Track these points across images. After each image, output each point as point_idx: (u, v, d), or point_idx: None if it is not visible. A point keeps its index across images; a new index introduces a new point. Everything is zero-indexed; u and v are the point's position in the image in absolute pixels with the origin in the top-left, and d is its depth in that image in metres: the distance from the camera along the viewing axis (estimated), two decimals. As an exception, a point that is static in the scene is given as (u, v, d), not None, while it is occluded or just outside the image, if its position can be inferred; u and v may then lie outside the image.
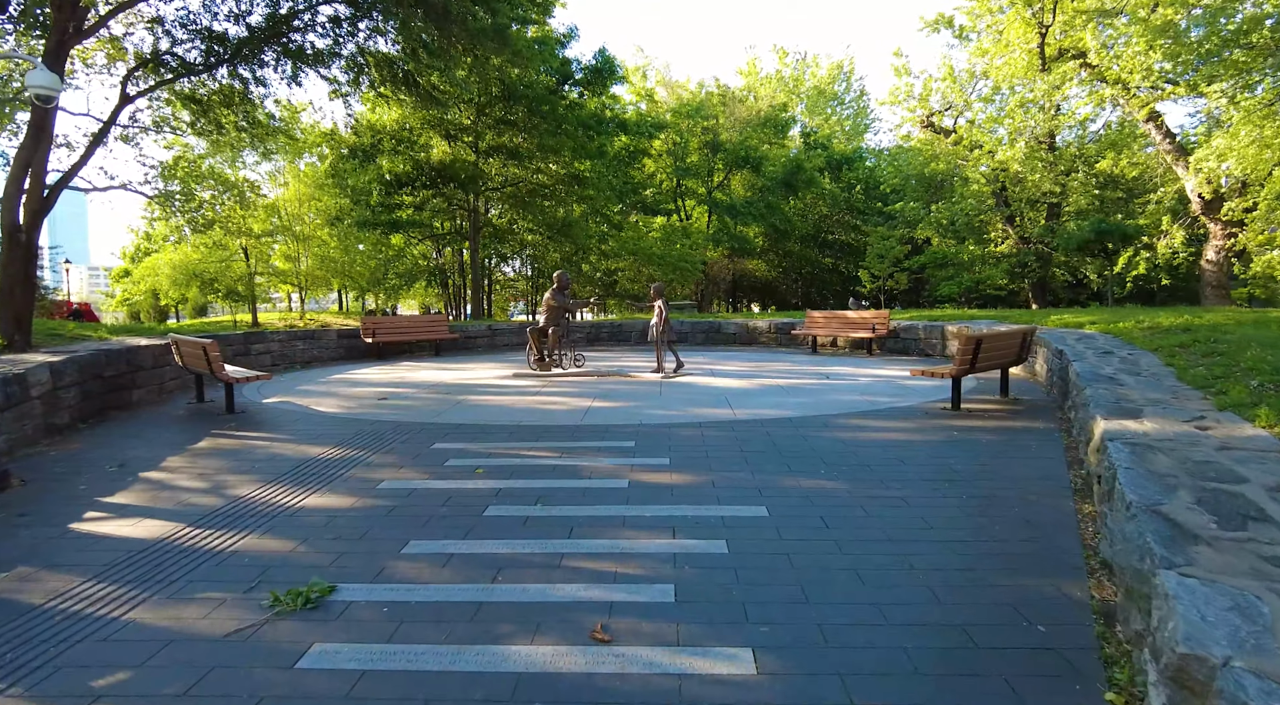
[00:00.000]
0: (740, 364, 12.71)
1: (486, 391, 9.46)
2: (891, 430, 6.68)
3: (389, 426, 7.09)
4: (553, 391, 9.40)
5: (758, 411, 7.68)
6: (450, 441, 6.38)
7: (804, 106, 49.56)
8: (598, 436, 6.52)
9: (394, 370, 12.11)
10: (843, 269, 37.29)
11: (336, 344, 13.81)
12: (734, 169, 32.38)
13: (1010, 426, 6.73)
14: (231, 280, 36.93)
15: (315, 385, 10.23)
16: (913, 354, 13.94)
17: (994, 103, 29.87)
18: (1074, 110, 27.07)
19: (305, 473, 5.42)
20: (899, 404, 8.09)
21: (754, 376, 10.77)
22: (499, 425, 7.10)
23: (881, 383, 9.88)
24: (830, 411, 7.62)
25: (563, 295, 11.50)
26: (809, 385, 9.71)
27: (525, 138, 19.25)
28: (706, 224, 32.82)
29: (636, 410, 7.85)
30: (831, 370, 11.50)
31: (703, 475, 5.18)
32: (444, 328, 15.02)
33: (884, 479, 5.04)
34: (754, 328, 17.03)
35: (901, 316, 15.84)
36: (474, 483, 5.09)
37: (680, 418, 7.38)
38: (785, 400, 8.40)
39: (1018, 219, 29.95)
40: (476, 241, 21.04)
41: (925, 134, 33.42)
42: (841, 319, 14.72)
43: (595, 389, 9.57)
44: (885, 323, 13.91)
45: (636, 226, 25.02)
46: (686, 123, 30.28)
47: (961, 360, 7.40)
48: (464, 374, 11.49)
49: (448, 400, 8.66)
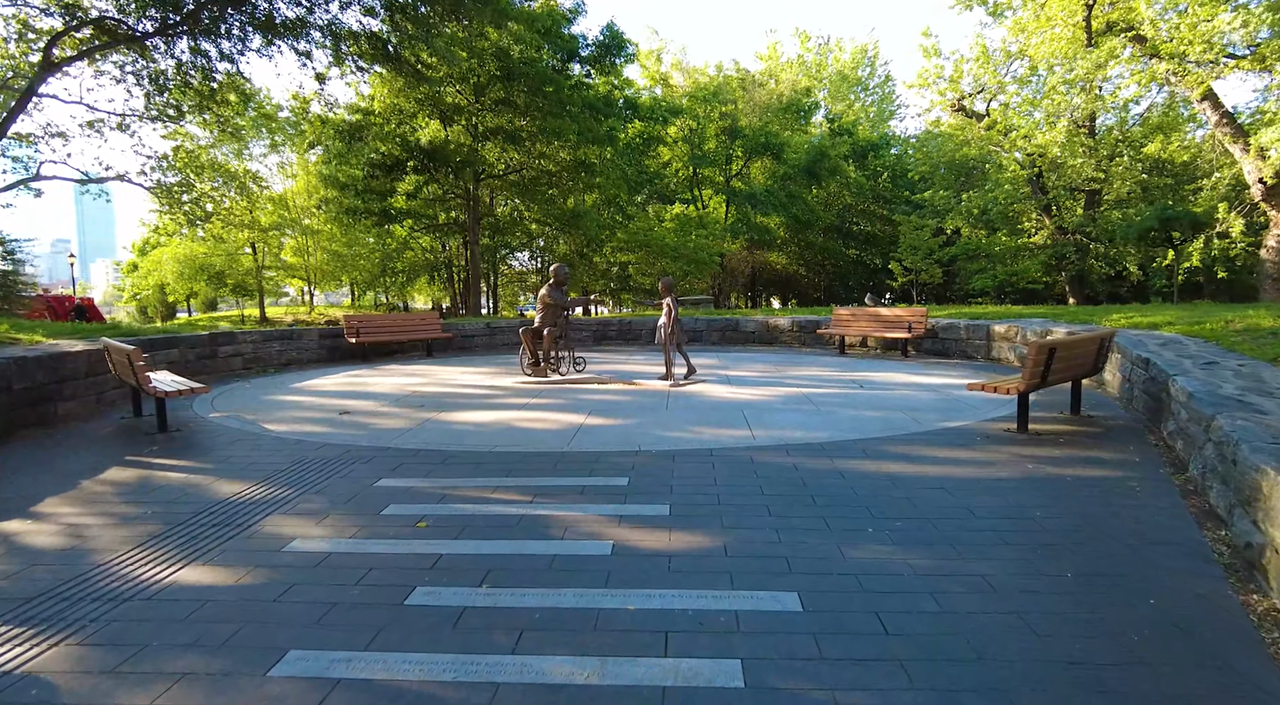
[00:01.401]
0: (760, 367, 11.40)
1: (466, 404, 8.26)
2: (950, 462, 5.36)
3: (336, 453, 5.90)
4: (543, 403, 8.18)
5: (781, 433, 6.40)
6: (400, 476, 5.17)
7: (826, 92, 47.87)
8: (584, 469, 5.28)
9: (372, 376, 10.96)
10: (868, 261, 35.68)
11: (317, 345, 12.68)
12: (754, 156, 30.90)
13: (1098, 458, 5.39)
14: (239, 274, 36.17)
15: (277, 395, 9.08)
16: (953, 356, 12.55)
17: (1030, 84, 28.08)
18: (1118, 90, 25.34)
19: (204, 524, 4.24)
20: (951, 423, 6.76)
21: (775, 384, 9.47)
22: (467, 451, 5.89)
23: (926, 393, 8.54)
24: (869, 434, 6.31)
25: (560, 292, 10.27)
26: (840, 396, 8.40)
27: (526, 120, 17.88)
28: (725, 214, 31.39)
29: (636, 430, 6.61)
30: (865, 376, 10.17)
31: (712, 535, 3.92)
32: (437, 326, 13.85)
33: (954, 542, 3.75)
34: (775, 326, 15.69)
35: (939, 313, 14.41)
36: (411, 542, 3.88)
37: (688, 441, 6.12)
38: (813, 417, 7.11)
39: (1054, 208, 28.22)
40: (476, 233, 19.76)
41: (955, 118, 31.69)
42: (873, 317, 13.34)
43: (592, 400, 8.33)
44: (922, 321, 12.52)
45: (648, 217, 23.63)
46: (703, 108, 28.82)
47: (1032, 372, 6.05)
48: (448, 380, 10.31)
49: (417, 416, 7.47)
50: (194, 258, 34.78)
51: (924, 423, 6.80)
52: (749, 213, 29.85)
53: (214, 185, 28.89)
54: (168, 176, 25.69)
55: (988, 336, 11.86)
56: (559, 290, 10.29)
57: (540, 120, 17.19)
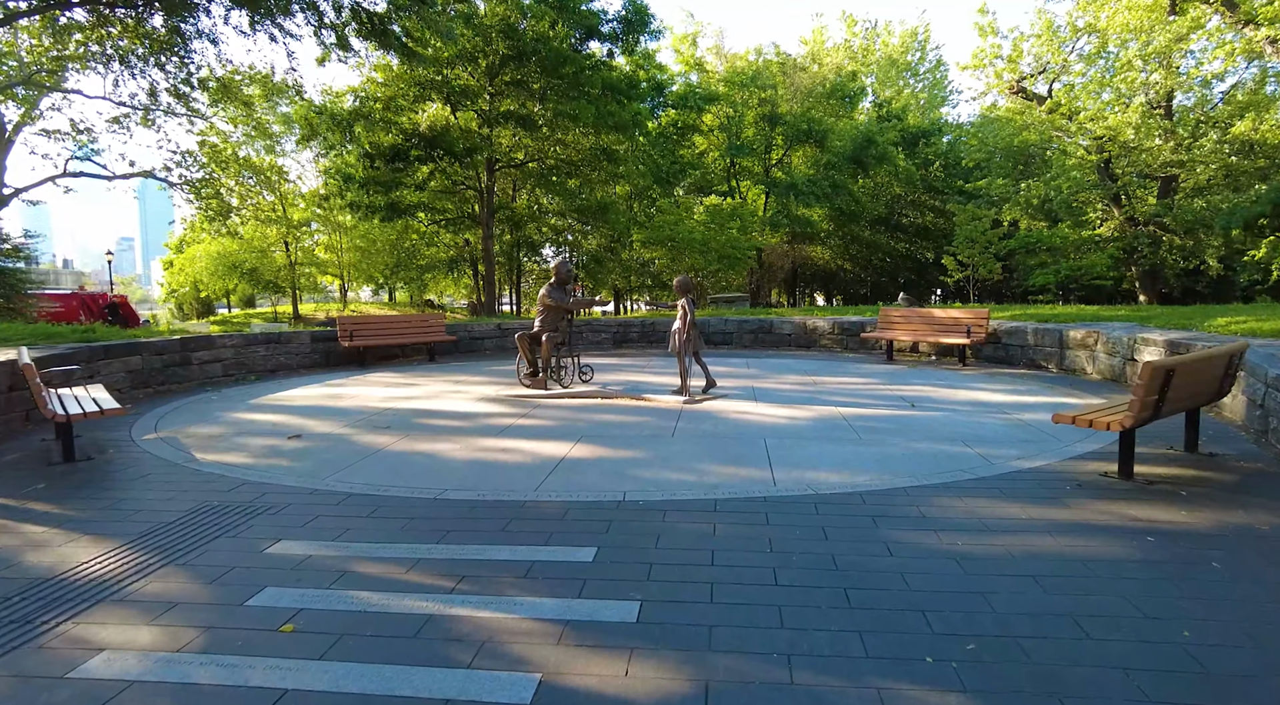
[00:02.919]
0: (793, 379, 10.00)
1: (439, 427, 7.10)
2: (1038, 529, 3.95)
3: (250, 496, 4.78)
4: (529, 425, 6.96)
5: (811, 475, 5.05)
6: (305, 538, 4.00)
7: (874, 79, 45.71)
8: (542, 532, 4.03)
9: (354, 387, 9.90)
10: (920, 255, 33.61)
11: (309, 349, 11.70)
12: (795, 144, 29.20)
13: (1248, 526, 3.91)
14: (271, 271, 35.98)
15: (236, 411, 8.05)
16: (1018, 366, 10.93)
17: (1099, 63, 25.74)
18: (1200, 65, 22.95)
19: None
20: (1029, 462, 5.31)
21: (809, 401, 8.08)
22: (407, 498, 4.69)
23: (992, 416, 7.06)
24: (925, 477, 4.91)
25: (562, 292, 9.03)
26: (887, 419, 6.97)
27: (541, 105, 16.58)
28: (763, 206, 29.75)
29: (628, 467, 5.33)
30: (916, 391, 8.69)
31: (691, 667, 2.62)
32: (440, 328, 12.76)
33: (1061, 691, 2.37)
34: (813, 328, 14.21)
35: (1001, 315, 12.77)
36: (255, 662, 2.67)
37: (688, 488, 4.82)
38: (853, 450, 5.72)
39: (1124, 197, 25.88)
40: (490, 226, 18.60)
41: (1014, 102, 29.48)
42: (926, 319, 11.78)
43: (589, 421, 7.08)
44: (984, 325, 10.93)
45: (675, 209, 22.20)
46: (741, 94, 27.24)
47: (1143, 402, 4.57)
48: (434, 393, 9.18)
49: (375, 442, 6.33)
50: (227, 255, 34.67)
51: (994, 461, 5.36)
52: (790, 204, 28.18)
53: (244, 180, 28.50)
54: (192, 172, 25.36)
55: (1060, 343, 10.21)
56: (561, 290, 9.06)
57: (555, 103, 15.89)
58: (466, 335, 13.71)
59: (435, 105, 17.03)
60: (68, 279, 51.28)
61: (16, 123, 24.90)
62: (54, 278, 49.56)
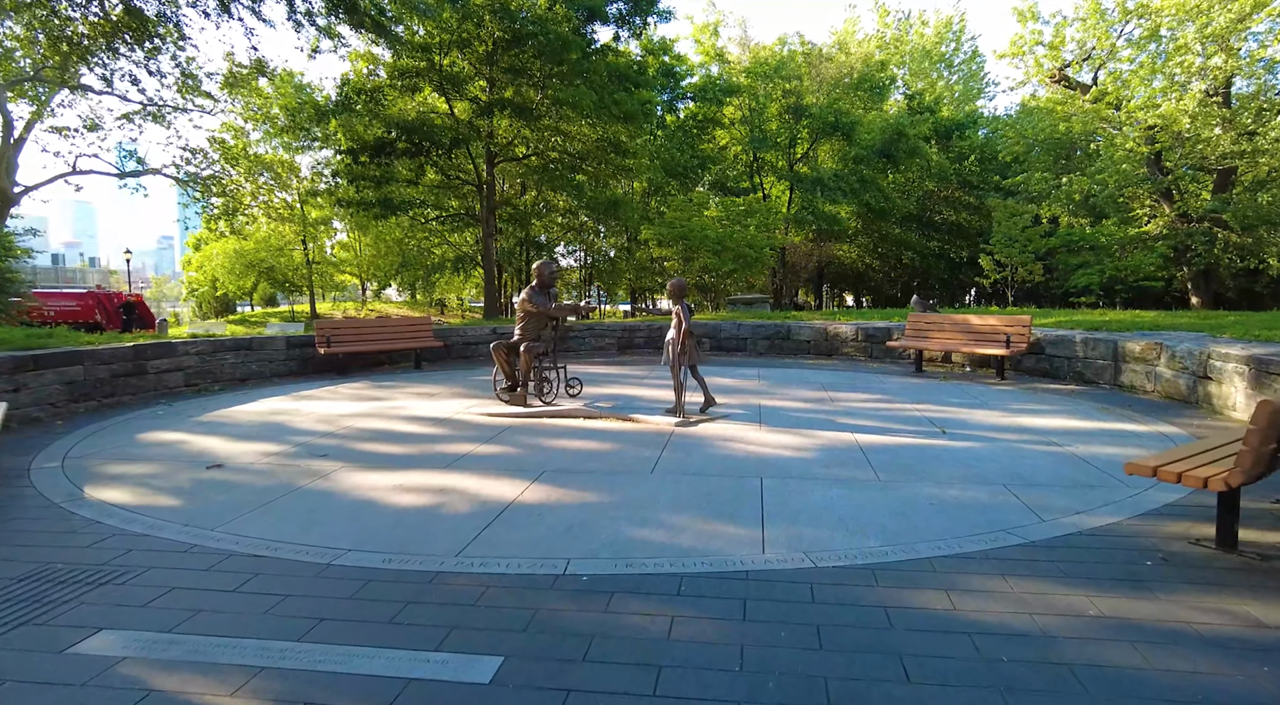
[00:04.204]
0: (806, 394, 8.90)
1: (384, 455, 6.17)
2: (1114, 634, 2.85)
3: (113, 553, 3.86)
4: (489, 454, 5.98)
5: (809, 535, 3.99)
6: (136, 626, 3.05)
7: (906, 72, 44.07)
8: (444, 622, 3.04)
9: (313, 401, 9.02)
10: (953, 254, 32.02)
11: (285, 356, 10.88)
12: (821, 137, 27.87)
13: None
14: (286, 269, 35.62)
15: (173, 430, 7.21)
16: (1064, 379, 9.69)
17: (1151, 47, 24.00)
18: (1262, 49, 21.18)
19: None
20: (1092, 518, 4.19)
21: (821, 423, 6.99)
22: (297, 561, 3.74)
23: (1037, 445, 5.91)
24: (956, 542, 3.83)
25: (544, 296, 8.04)
26: (911, 450, 5.86)
27: (540, 92, 15.49)
28: (787, 202, 28.46)
29: (587, 519, 4.32)
30: (947, 412, 7.54)
31: None
32: (428, 333, 11.86)
33: None
34: (834, 334, 13.06)
35: (1044, 322, 11.50)
36: None
37: (652, 551, 3.80)
38: (867, 497, 4.64)
39: (1175, 191, 24.14)
40: (491, 224, 17.61)
41: (1055, 92, 27.85)
42: (959, 327, 10.57)
43: (559, 449, 6.09)
44: (1025, 334, 9.70)
45: (687, 204, 21.06)
46: (764, 85, 26.01)
47: (1258, 451, 3.42)
48: (396, 411, 8.26)
49: (304, 473, 5.40)
50: (243, 253, 34.37)
51: (1047, 516, 4.24)
52: (815, 200, 26.86)
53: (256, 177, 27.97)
54: (201, 169, 24.92)
55: (1115, 356, 8.96)
56: (544, 294, 8.07)
57: (554, 91, 14.80)
58: (459, 340, 12.81)
59: (424, 95, 16.12)
60: (95, 278, 51.77)
61: (29, 120, 24.71)
62: (81, 276, 50.06)
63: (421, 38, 14.79)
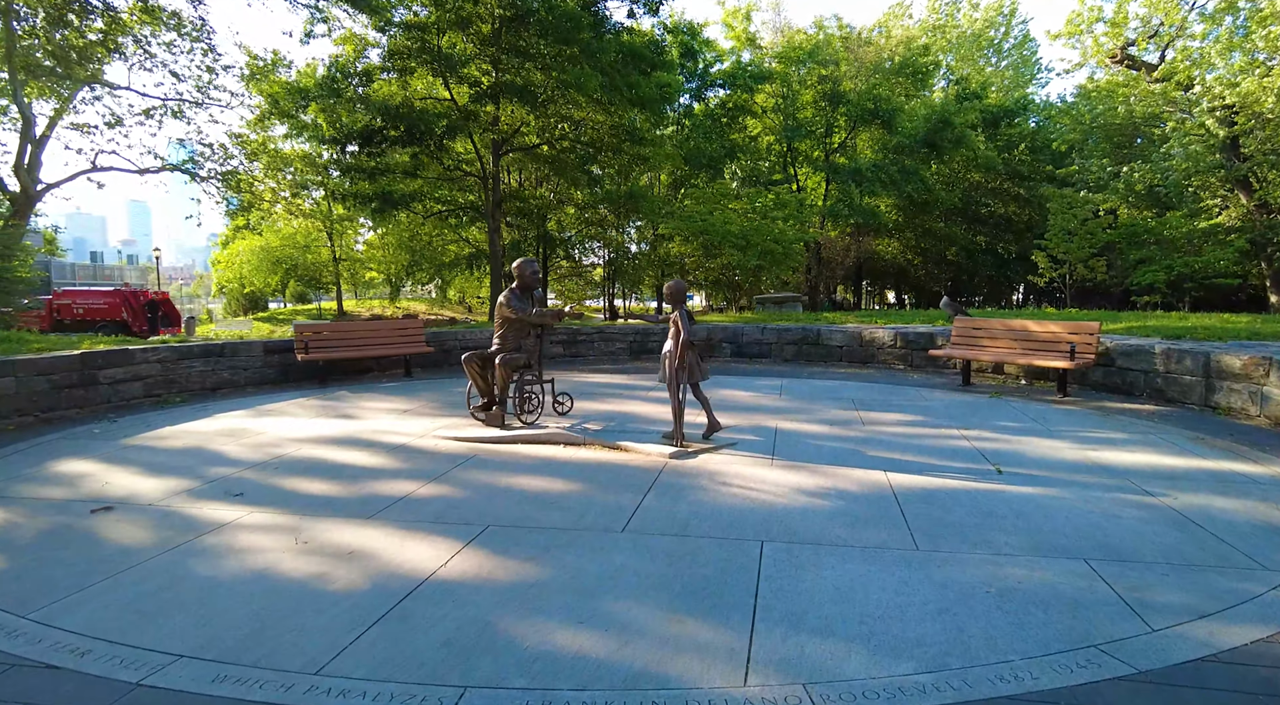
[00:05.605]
0: (833, 413, 7.67)
1: (301, 497, 5.17)
2: None
3: None
4: (427, 498, 4.92)
5: (816, 648, 2.82)
6: None
7: (953, 58, 42.02)
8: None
9: (274, 417, 8.07)
10: (1002, 250, 30.06)
11: (262, 362, 9.99)
12: (859, 126, 26.27)
13: None
14: (311, 267, 35.29)
15: (87, 456, 6.27)
16: (1140, 397, 8.26)
17: (1226, 21, 21.87)
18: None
19: None
20: (1221, 634, 2.93)
21: (848, 457, 5.78)
22: (96, 673, 2.71)
23: (1124, 494, 4.62)
24: (1028, 672, 2.62)
25: (524, 301, 6.96)
26: (958, 497, 4.62)
27: (544, 74, 14.27)
28: (823, 195, 26.93)
29: (515, 607, 3.22)
30: (1002, 441, 6.25)
31: None
32: (419, 338, 10.88)
33: None
34: (870, 339, 11.74)
35: (1112, 327, 10.05)
36: None
37: (586, 678, 2.67)
38: (900, 579, 3.44)
39: (1254, 179, 22.03)
40: (497, 218, 16.49)
41: (1116, 73, 25.86)
42: (1015, 334, 9.17)
43: (517, 492, 5.01)
44: (1093, 343, 8.30)
45: (709, 195, 19.70)
46: (798, 71, 24.56)
47: None
48: (353, 433, 7.25)
49: (194, 524, 4.41)
50: (269, 250, 34.13)
51: (1155, 616, 3.01)
52: (853, 192, 25.30)
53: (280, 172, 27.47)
54: (219, 165, 24.50)
55: (1206, 371, 7.52)
56: (524, 298, 6.99)
57: (558, 73, 13.59)
58: (457, 344, 11.84)
59: (420, 79, 15.08)
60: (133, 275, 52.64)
61: (51, 118, 24.60)
62: (120, 274, 50.89)
63: (418, 17, 13.79)
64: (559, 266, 25.07)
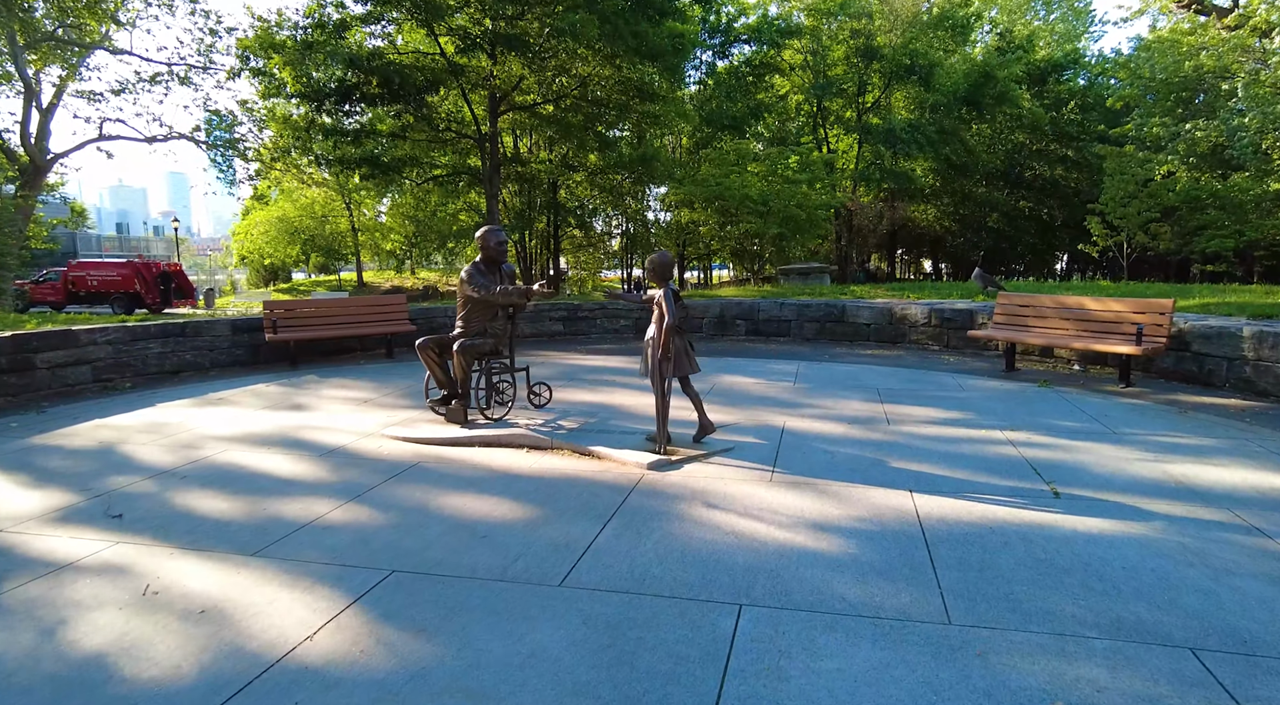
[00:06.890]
0: (853, 407, 6.59)
1: (193, 522, 4.32)
2: None
3: None
4: (339, 526, 4.01)
5: None
6: None
7: (995, 11, 39.53)
8: None
9: (215, 407, 7.24)
10: (1046, 216, 28.13)
11: (230, 343, 9.19)
12: (894, 83, 24.51)
13: None
14: (330, 237, 34.65)
15: None
16: (1222, 388, 7.03)
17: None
18: None
19: None
20: None
21: (865, 473, 4.73)
22: None
23: (1229, 538, 3.51)
24: None
25: (489, 277, 5.98)
26: (1005, 535, 3.56)
27: (538, 23, 12.92)
28: (855, 157, 25.31)
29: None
30: (1055, 449, 5.13)
31: None
32: (402, 316, 9.97)
33: None
34: (902, 316, 10.57)
35: (1187, 304, 8.75)
36: None
37: None
38: (924, 680, 2.42)
39: (1335, 137, 19.93)
40: (496, 184, 15.35)
41: (1179, 21, 23.69)
42: (1070, 313, 7.93)
43: (447, 518, 4.07)
44: (1164, 325, 7.07)
45: (725, 157, 18.33)
46: (829, 24, 22.86)
47: None
48: (295, 427, 6.40)
49: (35, 562, 3.56)
50: (286, 221, 33.55)
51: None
52: (886, 154, 23.66)
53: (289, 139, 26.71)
54: (225, 133, 23.83)
55: (1308, 358, 6.26)
56: (490, 274, 6.02)
57: (551, 20, 12.20)
58: (446, 321, 10.92)
59: (403, 31, 13.90)
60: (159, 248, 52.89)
61: (59, 86, 24.06)
62: (146, 246, 51.13)
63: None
64: (573, 236, 23.92)
